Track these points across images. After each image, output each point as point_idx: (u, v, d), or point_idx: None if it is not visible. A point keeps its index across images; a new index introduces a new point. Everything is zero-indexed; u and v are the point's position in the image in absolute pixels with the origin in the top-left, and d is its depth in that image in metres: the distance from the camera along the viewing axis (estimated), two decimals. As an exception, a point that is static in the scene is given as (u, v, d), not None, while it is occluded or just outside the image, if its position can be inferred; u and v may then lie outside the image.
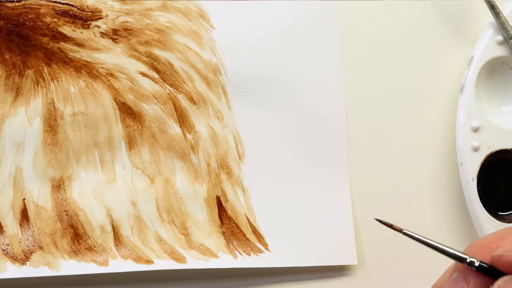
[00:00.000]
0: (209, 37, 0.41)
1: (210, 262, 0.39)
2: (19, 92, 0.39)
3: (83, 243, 0.39)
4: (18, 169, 0.39)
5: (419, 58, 0.44)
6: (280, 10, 0.42)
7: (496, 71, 0.42)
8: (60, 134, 0.39)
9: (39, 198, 0.39)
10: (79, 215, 0.39)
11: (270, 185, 0.41)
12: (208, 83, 0.41)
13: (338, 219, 0.41)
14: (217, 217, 0.40)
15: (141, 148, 0.40)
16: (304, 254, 0.41)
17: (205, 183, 0.40)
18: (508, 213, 0.42)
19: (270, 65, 0.41)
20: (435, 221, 0.43)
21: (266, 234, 0.41)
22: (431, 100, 0.44)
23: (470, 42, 0.43)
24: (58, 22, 0.39)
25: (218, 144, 0.41)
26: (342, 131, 0.42)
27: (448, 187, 0.43)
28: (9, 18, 0.39)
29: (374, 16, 0.43)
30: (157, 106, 0.40)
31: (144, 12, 0.40)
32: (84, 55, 0.40)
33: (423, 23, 0.44)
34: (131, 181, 0.40)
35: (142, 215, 0.40)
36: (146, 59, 0.40)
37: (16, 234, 0.39)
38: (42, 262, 0.38)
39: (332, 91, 0.42)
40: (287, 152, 0.41)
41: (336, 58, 0.42)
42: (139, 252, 0.39)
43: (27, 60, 0.39)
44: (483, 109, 0.41)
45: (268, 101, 0.41)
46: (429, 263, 0.38)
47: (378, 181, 0.43)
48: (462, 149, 0.41)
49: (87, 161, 0.40)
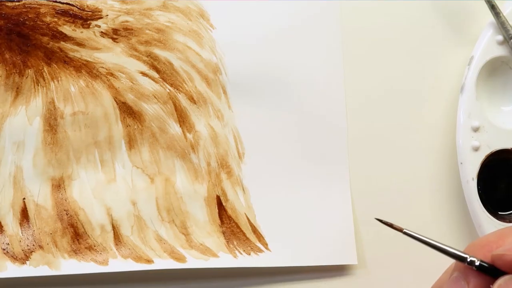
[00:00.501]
0: (209, 36, 0.41)
1: (210, 261, 0.39)
2: (19, 92, 0.39)
3: (83, 242, 0.39)
4: (18, 169, 0.39)
5: (419, 58, 0.44)
6: (280, 10, 0.42)
7: (496, 71, 0.42)
8: (60, 134, 0.39)
9: (39, 198, 0.39)
10: (79, 215, 0.39)
11: (270, 184, 0.41)
12: (208, 83, 0.41)
13: (338, 218, 0.41)
14: (217, 216, 0.40)
15: (141, 148, 0.40)
16: (304, 254, 0.41)
17: (205, 182, 0.40)
18: (508, 213, 0.42)
19: (270, 65, 0.41)
20: (435, 220, 0.43)
21: (266, 234, 0.41)
22: (431, 100, 0.44)
23: (470, 42, 0.43)
24: (58, 22, 0.39)
25: (218, 143, 0.41)
26: (342, 131, 0.42)
27: (448, 187, 0.43)
28: (9, 17, 0.39)
29: (374, 15, 0.43)
30: (157, 105, 0.40)
31: (144, 11, 0.40)
32: (84, 54, 0.40)
33: (423, 23, 0.44)
34: (131, 181, 0.40)
35: (142, 215, 0.40)
36: (146, 59, 0.40)
37: (16, 234, 0.39)
38: (42, 261, 0.38)
39: (332, 90, 0.42)
40: (287, 152, 0.41)
41: (336, 57, 0.42)
42: (139, 251, 0.39)
43: (27, 60, 0.39)
44: (483, 109, 0.41)
45: (268, 101, 0.41)
46: (429, 263, 0.38)
47: (378, 180, 0.43)
48: (462, 149, 0.41)
49: (87, 161, 0.40)
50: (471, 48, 0.42)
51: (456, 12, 0.44)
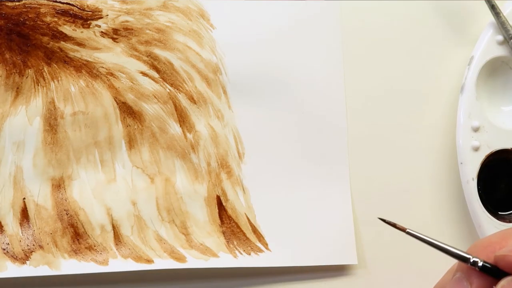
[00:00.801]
0: (209, 36, 0.41)
1: (210, 261, 0.39)
2: (19, 92, 0.39)
3: (83, 242, 0.39)
4: (18, 168, 0.39)
5: (419, 58, 0.44)
6: (280, 10, 0.42)
7: (496, 71, 0.42)
8: (60, 134, 0.39)
9: (39, 197, 0.39)
10: (79, 215, 0.39)
11: (270, 184, 0.41)
12: (208, 83, 0.41)
13: (338, 218, 0.41)
14: (217, 216, 0.40)
15: (141, 148, 0.40)
16: (304, 254, 0.41)
17: (205, 182, 0.40)
18: (508, 213, 0.42)
19: (271, 65, 0.41)
20: (435, 220, 0.43)
21: (266, 234, 0.41)
22: (431, 100, 0.44)
23: (470, 42, 0.43)
24: (58, 22, 0.39)
25: (218, 143, 0.41)
26: (342, 131, 0.42)
27: (448, 187, 0.43)
28: (9, 17, 0.39)
29: (374, 15, 0.43)
30: (157, 105, 0.40)
31: (144, 11, 0.40)
32: (84, 54, 0.40)
33: (423, 23, 0.44)
34: (131, 181, 0.40)
35: (142, 215, 0.40)
36: (146, 59, 0.40)
37: (16, 233, 0.39)
38: (42, 261, 0.38)
39: (332, 90, 0.42)
40: (287, 152, 0.41)
41: (336, 57, 0.42)
42: (139, 251, 0.39)
43: (27, 60, 0.39)
44: (483, 109, 0.41)
45: (268, 101, 0.41)
46: (430, 263, 0.38)
47: (378, 180, 0.43)
48: (462, 149, 0.41)
49: (87, 161, 0.40)
50: (471, 48, 0.42)
51: (456, 12, 0.44)
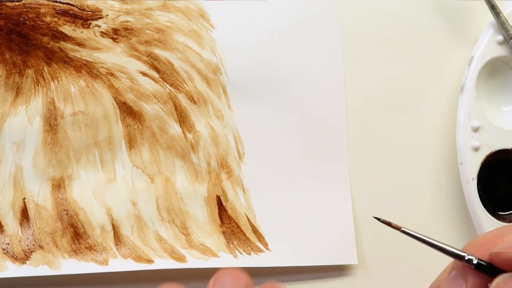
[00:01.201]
0: (209, 36, 0.41)
1: (210, 261, 0.39)
2: (19, 92, 0.39)
3: (83, 242, 0.39)
4: (18, 168, 0.39)
5: (419, 58, 0.44)
6: (280, 10, 0.42)
7: (496, 71, 0.42)
8: (60, 134, 0.39)
9: (39, 197, 0.39)
10: (79, 215, 0.39)
11: (270, 184, 0.41)
12: (208, 83, 0.41)
13: (338, 218, 0.41)
14: (217, 216, 0.40)
15: (141, 148, 0.40)
16: (304, 254, 0.41)
17: (205, 182, 0.40)
18: (508, 213, 0.42)
19: (271, 65, 0.41)
20: (435, 221, 0.43)
21: (266, 234, 0.41)
22: (431, 100, 0.44)
23: (470, 42, 0.43)
24: (58, 22, 0.39)
25: (218, 143, 0.41)
26: (342, 131, 0.42)
27: (448, 187, 0.43)
28: (9, 17, 0.39)
29: (374, 15, 0.43)
30: (157, 105, 0.40)
31: (144, 11, 0.40)
32: (84, 54, 0.40)
33: (423, 23, 0.44)
34: (131, 181, 0.40)
35: (142, 215, 0.40)
36: (146, 59, 0.40)
37: (16, 233, 0.39)
38: (42, 261, 0.38)
39: (332, 90, 0.42)
40: (287, 152, 0.41)
41: (336, 57, 0.42)
42: (139, 251, 0.39)
43: (27, 60, 0.39)
44: (483, 109, 0.41)
45: (268, 101, 0.41)
46: (429, 263, 0.38)
47: (378, 180, 0.43)
48: (462, 149, 0.41)
49: (87, 161, 0.40)
50: (471, 48, 0.42)
51: (456, 12, 0.44)
